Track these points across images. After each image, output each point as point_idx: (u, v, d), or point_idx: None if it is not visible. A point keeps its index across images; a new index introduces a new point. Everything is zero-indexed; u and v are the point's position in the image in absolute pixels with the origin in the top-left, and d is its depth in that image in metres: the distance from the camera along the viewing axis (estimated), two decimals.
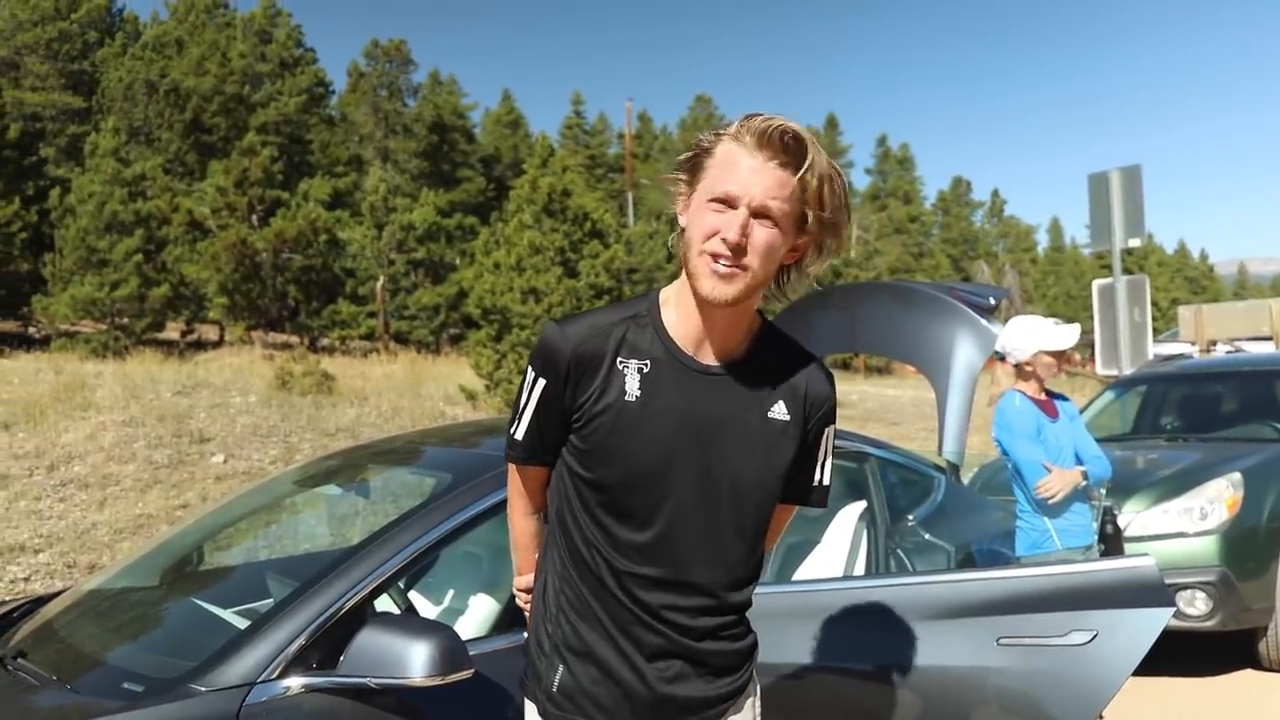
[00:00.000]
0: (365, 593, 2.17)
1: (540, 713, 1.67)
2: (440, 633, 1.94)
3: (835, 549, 3.30)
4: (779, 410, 1.66)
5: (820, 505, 1.79)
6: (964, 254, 56.56)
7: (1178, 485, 5.36)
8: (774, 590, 2.59)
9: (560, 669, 1.64)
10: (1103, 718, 2.72)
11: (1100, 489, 4.09)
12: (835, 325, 4.38)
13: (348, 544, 2.77)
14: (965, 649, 2.54)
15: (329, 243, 26.91)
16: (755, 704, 1.75)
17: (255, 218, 26.39)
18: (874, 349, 4.59)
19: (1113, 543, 3.96)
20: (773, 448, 1.65)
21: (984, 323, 3.84)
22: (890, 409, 19.49)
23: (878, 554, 3.38)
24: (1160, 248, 66.04)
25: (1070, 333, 4.03)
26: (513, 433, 1.71)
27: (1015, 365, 4.08)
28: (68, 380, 11.52)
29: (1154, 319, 9.27)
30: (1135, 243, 9.04)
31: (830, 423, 1.74)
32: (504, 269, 15.32)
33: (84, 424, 9.21)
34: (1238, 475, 5.31)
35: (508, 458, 1.75)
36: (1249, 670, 5.28)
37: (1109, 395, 7.46)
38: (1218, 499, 5.21)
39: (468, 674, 1.94)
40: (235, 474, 8.30)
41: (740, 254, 1.52)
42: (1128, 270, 9.10)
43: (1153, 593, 2.58)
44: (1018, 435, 3.97)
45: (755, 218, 1.52)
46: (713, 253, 1.53)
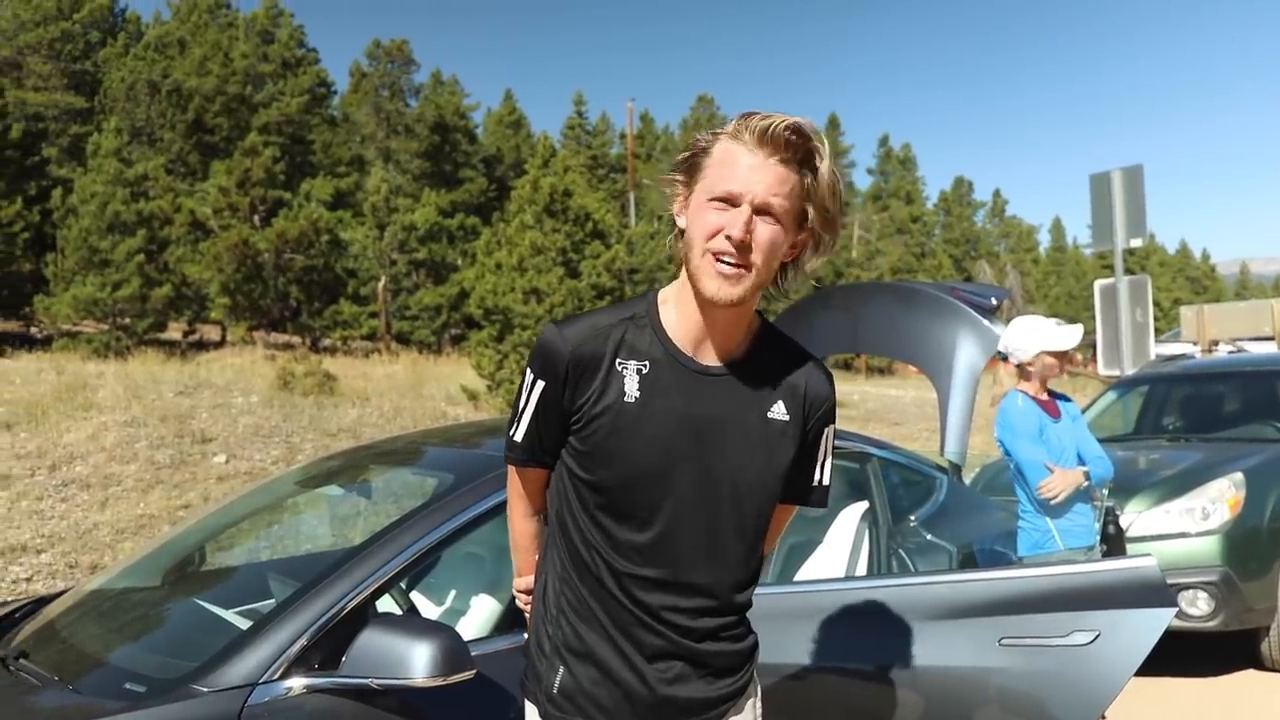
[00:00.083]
0: (367, 593, 2.17)
1: (541, 714, 1.67)
2: (442, 633, 1.94)
3: (837, 549, 3.30)
4: (779, 410, 1.65)
5: (820, 505, 1.78)
6: (966, 254, 56.54)
7: (1180, 485, 5.36)
8: (776, 591, 2.59)
9: (561, 670, 1.64)
10: (1105, 718, 2.71)
11: (1102, 489, 4.08)
12: (837, 325, 4.39)
13: (349, 544, 2.77)
14: (967, 649, 2.53)
15: (331, 243, 26.95)
16: (756, 705, 1.75)
17: (257, 218, 26.42)
18: (876, 349, 4.59)
19: (1115, 543, 3.96)
20: (772, 448, 1.65)
21: (986, 323, 3.84)
22: (892, 409, 19.49)
23: (880, 554, 3.38)
24: (1162, 248, 66.00)
25: (1073, 333, 4.03)
26: (512, 435, 1.70)
27: (1018, 365, 4.08)
28: (70, 380, 11.53)
29: (1156, 319, 9.26)
30: (1137, 243, 9.05)
31: (830, 422, 1.74)
32: (506, 269, 15.33)
33: (86, 424, 9.21)
34: (1240, 475, 5.31)
35: (507, 460, 1.75)
36: (1251, 670, 5.27)
37: (1111, 395, 7.46)
38: (1220, 499, 5.20)
39: (470, 675, 1.94)
40: (237, 474, 8.31)
41: (745, 251, 1.52)
42: (1129, 270, 9.11)
43: (1155, 593, 2.57)
44: (1020, 435, 3.97)
45: (757, 215, 1.52)
46: (716, 251, 1.52)
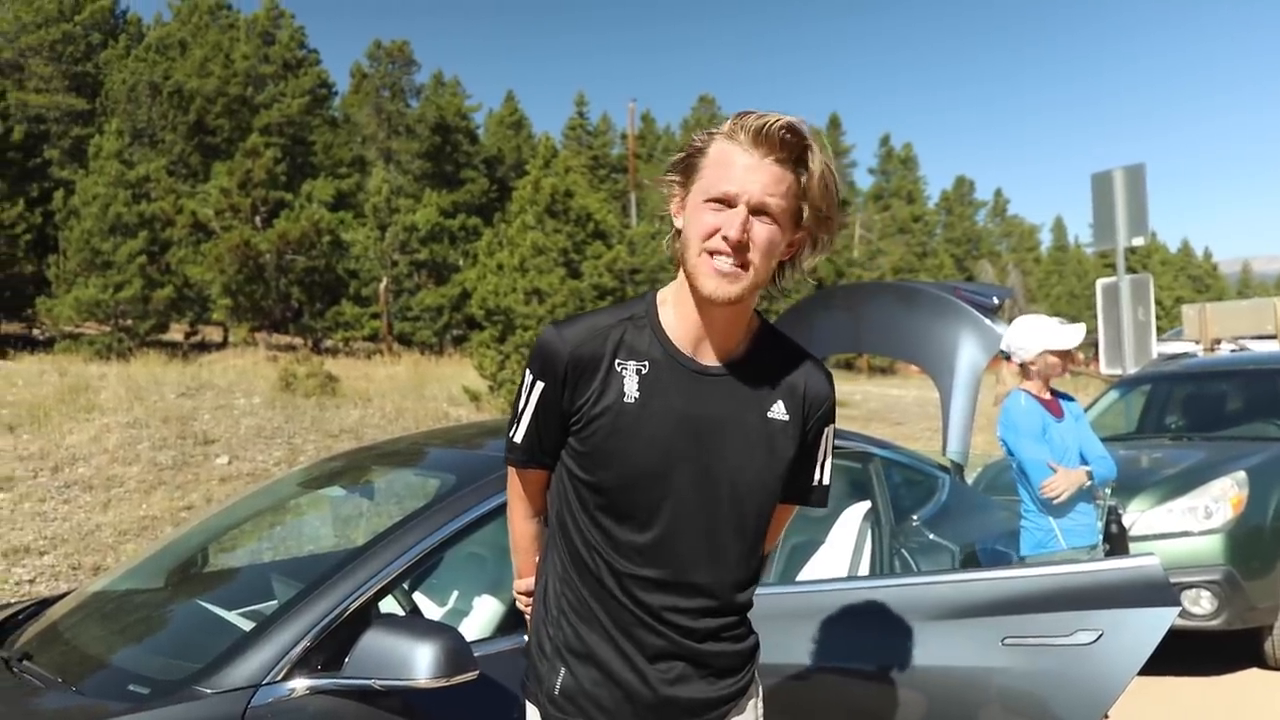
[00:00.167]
0: (370, 594, 2.17)
1: (542, 715, 1.67)
2: (445, 634, 1.94)
3: (839, 549, 3.30)
4: (778, 410, 1.65)
5: (820, 505, 1.78)
6: (967, 253, 56.55)
7: (1182, 484, 5.35)
8: (779, 591, 2.59)
9: (562, 671, 1.64)
10: (1108, 717, 2.71)
11: (1105, 488, 4.08)
12: (839, 325, 4.39)
13: (352, 546, 2.77)
14: (970, 649, 2.53)
15: (332, 244, 26.98)
16: (758, 705, 1.74)
17: (259, 219, 26.44)
18: (878, 349, 4.59)
19: (1117, 542, 3.96)
20: (772, 448, 1.65)
21: (987, 322, 3.84)
22: (894, 409, 19.49)
23: (882, 554, 3.37)
24: (1164, 246, 65.92)
25: (1075, 332, 4.02)
26: (511, 436, 1.70)
27: (1021, 365, 4.07)
28: (72, 382, 11.54)
29: (1158, 318, 9.25)
30: (1139, 241, 9.05)
31: (830, 422, 1.73)
32: (507, 270, 15.35)
33: (88, 426, 9.22)
34: (1242, 474, 5.31)
35: (507, 461, 1.75)
36: (1254, 669, 5.27)
37: (1113, 394, 7.45)
38: (1222, 498, 5.20)
39: (472, 675, 1.94)
40: (239, 475, 8.31)
41: (742, 251, 1.52)
42: (1131, 269, 9.11)
43: (1158, 592, 2.57)
44: (1023, 435, 3.96)
45: (754, 215, 1.52)
46: (713, 250, 1.52)
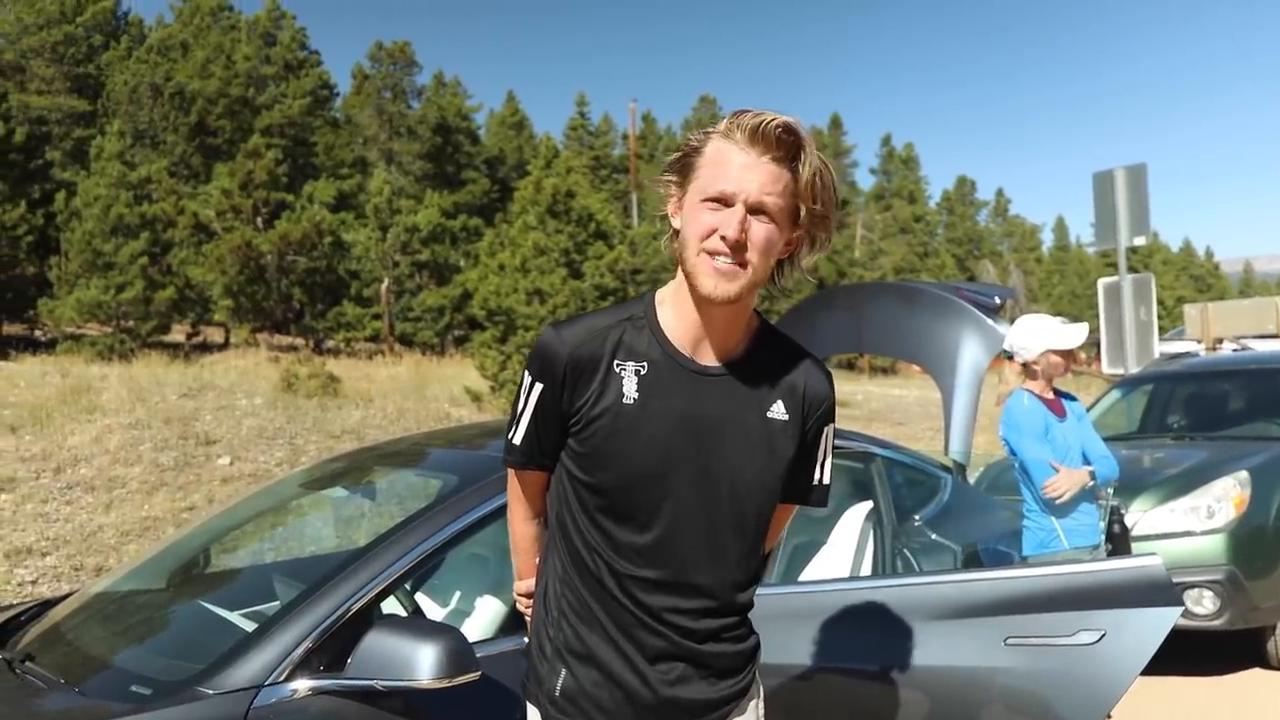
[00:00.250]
0: (372, 595, 2.17)
1: (543, 717, 1.67)
2: (447, 635, 1.94)
3: (841, 549, 3.30)
4: (778, 410, 1.65)
5: (820, 505, 1.78)
6: (969, 253, 56.51)
7: (1185, 484, 5.34)
8: (780, 591, 2.59)
9: (563, 672, 1.64)
10: (1111, 717, 2.71)
11: (1107, 488, 4.08)
12: (841, 325, 4.39)
13: (354, 546, 2.77)
14: (972, 649, 2.53)
15: (334, 245, 27.01)
16: (758, 705, 1.74)
17: (260, 220, 26.46)
18: (879, 349, 4.60)
19: (1120, 542, 3.95)
20: (772, 447, 1.64)
21: (989, 322, 3.84)
22: (895, 409, 19.48)
23: (884, 554, 3.37)
24: (1165, 246, 65.90)
25: (1078, 331, 4.02)
26: (511, 438, 1.70)
27: (1023, 364, 4.07)
28: (74, 383, 11.54)
29: (1159, 317, 9.24)
30: (1140, 241, 9.04)
31: (829, 421, 1.73)
32: (508, 270, 15.35)
33: (90, 427, 9.22)
34: (1245, 473, 5.30)
35: (506, 463, 1.75)
36: (1257, 669, 5.27)
37: (1115, 394, 7.45)
38: (1225, 497, 5.19)
39: (475, 676, 1.94)
40: (241, 476, 8.31)
41: (740, 250, 1.52)
42: (1133, 269, 9.10)
43: (1160, 592, 2.57)
44: (1025, 434, 3.96)
45: (751, 214, 1.52)
46: (712, 250, 1.52)
